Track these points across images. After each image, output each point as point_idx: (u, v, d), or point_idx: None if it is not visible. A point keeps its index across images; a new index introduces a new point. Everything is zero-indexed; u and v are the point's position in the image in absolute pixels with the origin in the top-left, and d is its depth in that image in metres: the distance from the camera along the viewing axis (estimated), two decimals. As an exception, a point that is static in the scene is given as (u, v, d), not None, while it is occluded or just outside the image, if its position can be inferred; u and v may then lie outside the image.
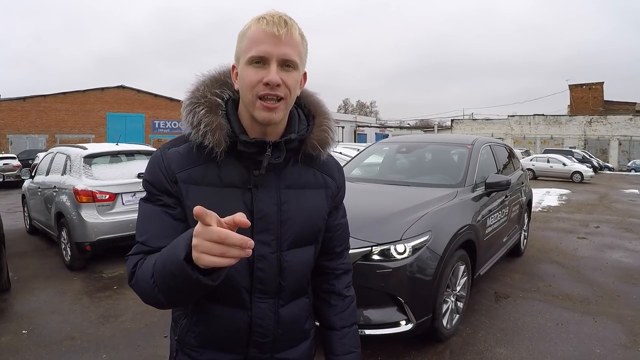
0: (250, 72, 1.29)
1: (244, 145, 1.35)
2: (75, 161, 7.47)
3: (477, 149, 5.94)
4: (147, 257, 1.30)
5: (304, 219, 1.48)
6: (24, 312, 5.43)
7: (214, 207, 1.18)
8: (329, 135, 1.51)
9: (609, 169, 39.96)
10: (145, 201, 1.42)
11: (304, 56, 1.39)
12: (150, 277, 1.22)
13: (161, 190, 1.38)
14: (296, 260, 1.48)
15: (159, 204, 1.38)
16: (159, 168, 1.38)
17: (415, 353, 4.32)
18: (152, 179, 1.39)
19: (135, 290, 1.32)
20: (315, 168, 1.53)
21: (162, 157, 1.39)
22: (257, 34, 1.29)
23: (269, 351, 1.48)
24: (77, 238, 6.89)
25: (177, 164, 1.37)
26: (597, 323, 5.06)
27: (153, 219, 1.37)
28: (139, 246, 1.35)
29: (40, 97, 40.06)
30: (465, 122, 53.93)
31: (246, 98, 1.33)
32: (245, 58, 1.30)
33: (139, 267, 1.31)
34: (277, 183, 1.43)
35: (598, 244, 9.04)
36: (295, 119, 1.47)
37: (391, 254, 3.89)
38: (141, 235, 1.36)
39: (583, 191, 20.85)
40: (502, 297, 5.82)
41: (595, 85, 53.05)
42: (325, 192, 1.55)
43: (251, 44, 1.29)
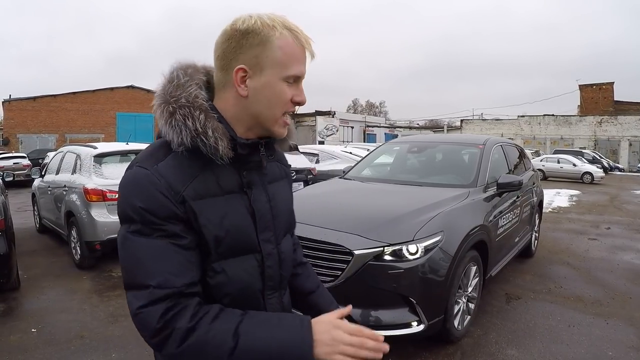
0: (285, 89, 1.25)
1: (242, 148, 1.30)
2: (86, 160, 7.49)
3: (488, 149, 5.89)
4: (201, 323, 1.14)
5: (287, 209, 1.55)
6: (33, 310, 5.44)
7: (225, 218, 1.27)
8: (292, 129, 1.46)
9: (619, 169, 39.70)
10: (137, 234, 1.18)
11: None
12: (227, 356, 1.12)
13: (166, 217, 1.18)
14: (287, 249, 1.51)
15: (160, 235, 1.18)
16: (157, 190, 1.18)
17: (426, 354, 4.28)
18: (150, 205, 1.17)
19: (180, 353, 1.13)
20: (275, 160, 1.53)
21: (155, 176, 1.19)
22: (295, 50, 1.25)
23: None
24: (87, 237, 6.90)
25: (178, 180, 1.21)
26: (608, 325, 5.01)
27: (160, 255, 1.17)
28: (152, 292, 1.14)
29: (50, 97, 40.30)
30: (475, 123, 53.72)
31: (270, 112, 1.28)
32: (283, 74, 1.24)
33: (181, 328, 1.13)
34: (262, 180, 1.41)
35: (609, 246, 8.97)
36: None
37: (403, 255, 3.86)
38: (150, 277, 1.15)
39: (593, 192, 20.71)
40: (513, 298, 5.77)
41: (606, 85, 52.70)
42: (288, 181, 1.59)
43: (290, 60, 1.24)
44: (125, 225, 1.20)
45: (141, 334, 1.17)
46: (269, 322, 1.20)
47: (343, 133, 47.33)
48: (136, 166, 1.24)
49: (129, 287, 1.19)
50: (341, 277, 3.86)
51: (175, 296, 1.15)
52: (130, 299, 1.17)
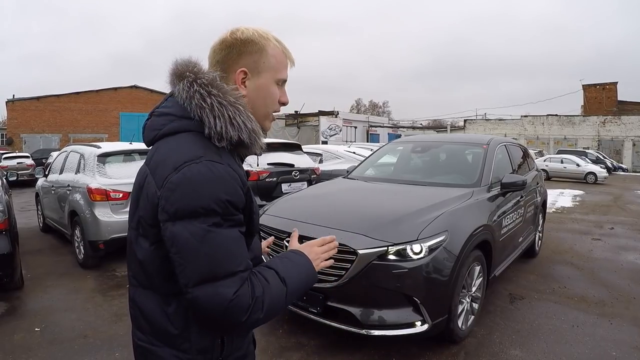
0: (275, 91, 1.50)
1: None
2: (89, 160, 7.49)
3: (492, 149, 5.88)
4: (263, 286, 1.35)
5: None
6: (37, 309, 5.45)
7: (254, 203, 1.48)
8: None
9: (623, 169, 39.59)
10: (218, 227, 1.29)
11: None
12: (284, 298, 1.41)
13: (242, 208, 1.37)
14: None
15: (234, 224, 1.32)
16: (237, 184, 1.34)
17: (430, 354, 4.28)
18: (234, 197, 1.31)
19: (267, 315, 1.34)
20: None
21: (233, 171, 1.34)
22: (283, 58, 1.51)
23: None
24: (90, 236, 6.91)
25: (242, 174, 1.40)
26: (612, 325, 5.00)
27: (238, 244, 1.32)
28: (241, 276, 1.29)
29: (54, 96, 40.42)
30: (478, 122, 53.63)
31: (263, 110, 1.51)
32: (275, 77, 1.49)
33: (259, 296, 1.31)
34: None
35: (613, 246, 8.95)
36: None
37: (407, 254, 3.85)
38: (238, 264, 1.29)
39: (597, 192, 20.66)
40: (517, 298, 5.76)
41: (609, 85, 52.61)
42: None
43: (280, 66, 1.49)
44: (199, 219, 1.26)
45: (232, 318, 1.27)
46: (288, 263, 1.49)
47: (346, 133, 47.28)
48: (206, 160, 1.30)
49: (211, 279, 1.26)
50: (345, 277, 3.86)
51: (249, 275, 1.33)
52: (215, 290, 1.25)
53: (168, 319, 1.41)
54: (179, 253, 1.27)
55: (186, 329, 1.40)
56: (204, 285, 1.25)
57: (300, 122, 45.39)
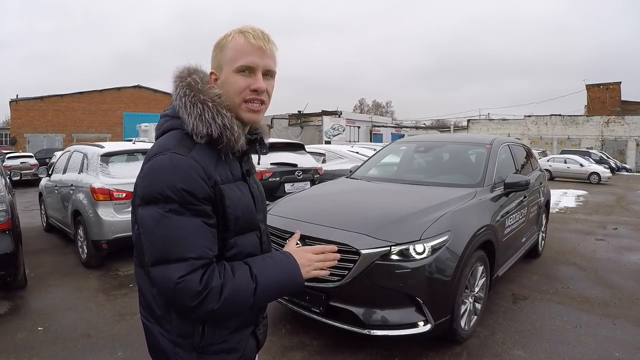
0: (238, 79, 1.50)
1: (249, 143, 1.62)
2: (92, 159, 7.51)
3: (495, 149, 5.87)
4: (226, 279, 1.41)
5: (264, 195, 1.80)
6: (39, 309, 5.46)
7: (240, 200, 1.54)
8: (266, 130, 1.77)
9: (627, 170, 39.43)
10: (174, 213, 1.38)
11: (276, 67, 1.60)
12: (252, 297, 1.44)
13: (203, 198, 1.41)
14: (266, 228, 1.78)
15: (194, 214, 1.40)
16: (197, 174, 1.40)
17: (433, 354, 4.27)
18: (191, 186, 1.38)
19: (221, 307, 1.38)
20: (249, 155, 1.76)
21: (195, 162, 1.42)
22: (244, 46, 1.49)
23: (264, 313, 1.78)
24: (93, 236, 6.93)
25: (209, 166, 1.45)
26: (615, 326, 4.98)
27: (197, 231, 1.40)
28: (192, 263, 1.36)
29: (58, 96, 40.54)
30: (482, 122, 53.48)
31: (232, 102, 1.52)
32: (233, 67, 1.50)
33: (215, 286, 1.37)
34: (252, 171, 1.74)
35: (616, 246, 8.92)
36: None
37: (410, 254, 3.84)
38: (189, 250, 1.37)
39: (600, 192, 20.60)
40: (520, 298, 5.75)
41: (613, 85, 52.39)
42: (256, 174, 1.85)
43: (238, 55, 1.49)
44: (159, 205, 1.38)
45: (180, 301, 1.37)
46: (267, 261, 1.54)
47: (349, 133, 47.25)
48: (170, 152, 1.43)
49: (165, 261, 1.37)
50: (348, 277, 3.85)
51: (208, 265, 1.39)
52: (165, 272, 1.37)
53: (154, 299, 1.53)
54: (143, 234, 1.43)
55: (167, 311, 1.51)
56: (158, 266, 1.38)
57: (303, 122, 45.37)
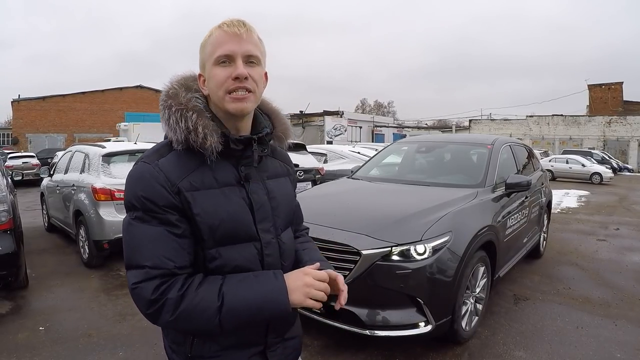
0: (218, 71, 1.41)
1: (235, 143, 1.46)
2: (94, 160, 7.51)
3: (497, 149, 5.87)
4: (188, 292, 1.33)
5: (286, 204, 1.66)
6: (41, 309, 5.47)
7: (221, 207, 1.43)
8: (288, 127, 1.68)
9: (629, 170, 39.39)
10: (138, 221, 1.37)
11: (264, 56, 1.51)
12: (216, 316, 1.32)
13: (164, 206, 1.36)
14: (288, 241, 1.65)
15: (158, 222, 1.36)
16: (157, 182, 1.36)
17: (434, 355, 4.27)
18: (150, 194, 1.35)
19: (175, 320, 1.32)
20: (277, 159, 1.72)
21: (155, 170, 1.38)
22: (219, 37, 1.42)
23: (281, 334, 1.61)
24: (95, 236, 6.93)
25: (175, 174, 1.39)
26: (617, 327, 4.98)
27: (156, 240, 1.36)
28: (148, 272, 1.33)
29: (60, 96, 40.60)
30: (484, 123, 53.45)
31: (216, 96, 1.44)
32: (212, 60, 1.42)
33: (172, 298, 1.32)
34: (260, 175, 1.57)
35: (618, 247, 8.91)
36: (259, 117, 1.61)
37: (411, 255, 3.84)
38: (145, 258, 1.34)
39: (602, 192, 20.59)
40: (521, 299, 5.74)
41: (615, 85, 52.35)
42: (289, 179, 1.76)
43: (215, 47, 1.42)
44: (129, 212, 1.40)
45: (137, 306, 1.35)
46: (247, 279, 1.40)
47: (351, 133, 47.28)
48: (141, 162, 1.42)
49: (128, 267, 1.37)
50: (349, 277, 3.84)
51: (167, 275, 1.33)
52: (129, 276, 1.36)
53: None
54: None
55: None
56: (127, 269, 1.38)
57: (305, 122, 45.37)
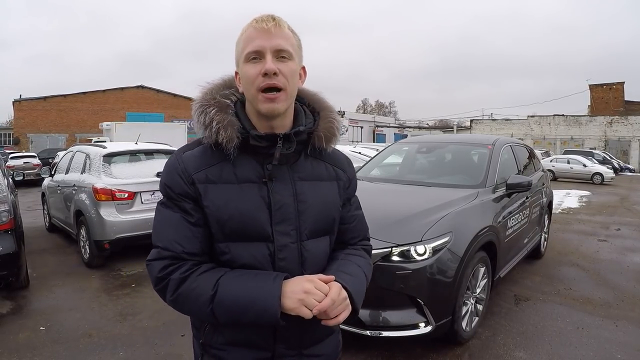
0: (249, 68, 1.40)
1: (256, 140, 1.43)
2: (95, 160, 7.52)
3: (497, 150, 5.86)
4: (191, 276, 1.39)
5: (320, 210, 1.54)
6: (42, 308, 5.48)
7: (232, 202, 1.42)
8: (334, 126, 1.57)
9: (630, 170, 39.36)
10: (163, 206, 1.48)
11: (298, 50, 1.47)
12: (208, 304, 1.35)
13: (180, 193, 1.43)
14: (316, 250, 1.53)
15: (177, 209, 1.44)
16: (176, 171, 1.44)
17: (434, 355, 4.27)
18: (170, 182, 1.45)
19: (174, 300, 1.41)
20: (325, 161, 1.60)
21: (178, 161, 1.46)
22: (250, 34, 1.40)
23: (296, 347, 1.52)
24: (96, 236, 6.94)
25: (192, 166, 1.44)
26: (618, 327, 4.97)
27: (172, 225, 1.44)
28: (159, 252, 1.42)
29: (61, 96, 40.64)
30: (485, 123, 53.43)
31: (249, 94, 1.42)
32: (243, 57, 1.41)
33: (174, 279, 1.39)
34: (291, 175, 1.50)
35: (619, 247, 8.90)
36: (301, 114, 1.55)
37: (411, 255, 3.85)
38: (160, 240, 1.43)
39: (604, 193, 20.56)
40: (522, 299, 5.74)
41: (616, 85, 52.29)
42: (338, 184, 1.62)
43: (245, 44, 1.41)
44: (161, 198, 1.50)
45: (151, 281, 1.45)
46: (246, 276, 1.40)
47: (352, 133, 47.31)
48: (174, 153, 1.51)
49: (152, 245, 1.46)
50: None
51: (175, 258, 1.40)
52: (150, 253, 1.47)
53: None
54: None
55: None
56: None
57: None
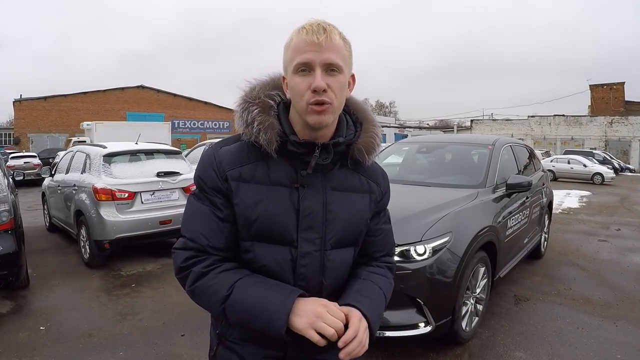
0: (298, 81, 1.37)
1: (294, 146, 1.42)
2: (95, 160, 7.52)
3: (497, 150, 5.86)
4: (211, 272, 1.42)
5: (348, 221, 1.53)
6: (42, 308, 5.48)
7: (261, 203, 1.43)
8: (375, 141, 1.55)
9: (630, 170, 39.34)
10: (195, 197, 1.50)
11: (349, 59, 1.44)
12: (220, 303, 1.39)
13: (212, 187, 1.45)
14: (339, 260, 1.53)
15: (208, 202, 1.46)
16: (211, 166, 1.46)
17: (434, 355, 4.27)
18: (204, 175, 1.47)
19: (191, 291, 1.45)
20: (360, 173, 1.58)
21: (214, 155, 1.47)
22: (299, 44, 1.36)
23: (308, 350, 1.48)
24: (96, 236, 6.94)
25: (228, 162, 1.45)
26: (617, 328, 4.97)
27: (200, 217, 1.46)
28: (185, 242, 1.46)
29: (61, 96, 40.64)
30: (485, 123, 53.41)
31: (298, 105, 1.39)
32: (292, 67, 1.38)
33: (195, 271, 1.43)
34: (324, 184, 1.49)
35: (619, 247, 8.90)
36: (343, 124, 1.52)
37: (411, 255, 3.85)
38: (188, 231, 1.47)
39: (604, 193, 20.55)
40: (522, 300, 5.74)
41: (616, 86, 52.28)
42: (370, 197, 1.59)
43: (294, 54, 1.37)
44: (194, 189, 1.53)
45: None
46: (263, 284, 1.41)
47: (352, 133, 47.18)
48: (211, 147, 1.52)
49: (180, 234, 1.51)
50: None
51: (200, 250, 1.43)
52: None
53: None
54: None
55: None
56: None
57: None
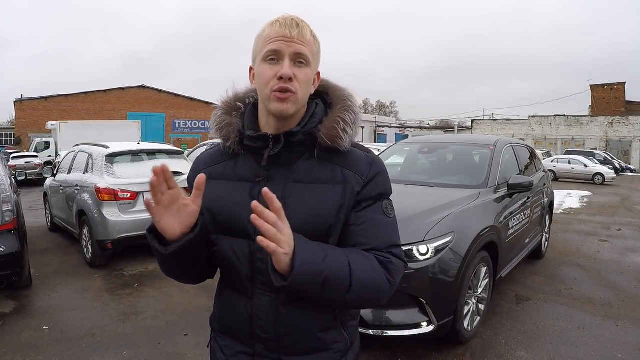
0: (265, 69, 1.37)
1: (249, 140, 1.45)
2: (97, 160, 7.54)
3: (499, 150, 5.87)
4: None
5: (308, 214, 1.39)
6: (45, 308, 5.49)
7: (221, 197, 1.48)
8: (338, 126, 1.43)
9: (631, 170, 39.30)
10: None
11: (317, 55, 1.45)
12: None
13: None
14: None
15: None
16: (192, 169, 1.62)
17: (436, 355, 4.28)
18: (189, 177, 1.62)
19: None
20: (334, 163, 1.45)
21: (197, 159, 1.64)
22: (271, 34, 1.38)
23: (275, 351, 1.44)
24: (98, 236, 6.95)
25: (203, 163, 1.58)
26: (618, 327, 4.98)
27: None
28: None
29: (62, 96, 40.66)
30: (486, 123, 53.37)
31: (263, 93, 1.40)
32: (261, 55, 1.39)
33: None
34: (286, 177, 1.42)
35: (620, 247, 8.91)
36: (308, 115, 1.47)
37: (413, 255, 3.86)
38: None
39: (605, 193, 20.56)
40: (523, 299, 5.75)
41: (617, 86, 52.21)
42: (344, 188, 1.42)
43: (265, 43, 1.38)
44: None
45: None
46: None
47: (353, 133, 47.20)
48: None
49: None
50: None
51: None
52: None
53: None
54: None
55: None
56: None
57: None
